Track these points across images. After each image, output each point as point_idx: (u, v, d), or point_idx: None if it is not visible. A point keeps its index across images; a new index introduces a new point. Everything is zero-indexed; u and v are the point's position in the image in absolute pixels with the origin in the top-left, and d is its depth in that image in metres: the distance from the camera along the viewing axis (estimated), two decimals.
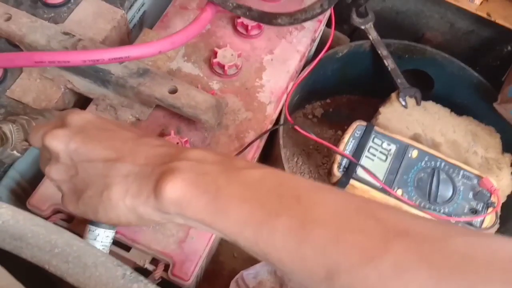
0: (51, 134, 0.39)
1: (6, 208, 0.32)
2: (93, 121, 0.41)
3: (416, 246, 0.30)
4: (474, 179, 0.65)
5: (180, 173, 0.35)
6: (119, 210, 0.37)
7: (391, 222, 0.32)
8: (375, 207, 0.34)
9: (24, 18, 0.58)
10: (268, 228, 0.33)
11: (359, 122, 0.68)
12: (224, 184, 0.35)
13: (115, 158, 0.38)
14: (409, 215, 0.34)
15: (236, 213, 0.34)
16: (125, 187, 0.37)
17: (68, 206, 0.40)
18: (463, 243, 0.30)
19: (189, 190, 0.35)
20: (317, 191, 0.35)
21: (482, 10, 0.76)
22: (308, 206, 0.34)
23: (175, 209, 0.36)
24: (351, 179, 0.64)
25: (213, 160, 0.38)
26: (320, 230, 0.32)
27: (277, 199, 0.34)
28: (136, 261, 0.55)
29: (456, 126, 0.76)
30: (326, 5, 0.49)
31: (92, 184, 0.38)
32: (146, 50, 0.51)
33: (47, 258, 0.32)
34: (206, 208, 0.35)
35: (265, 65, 0.66)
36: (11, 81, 0.59)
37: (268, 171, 0.37)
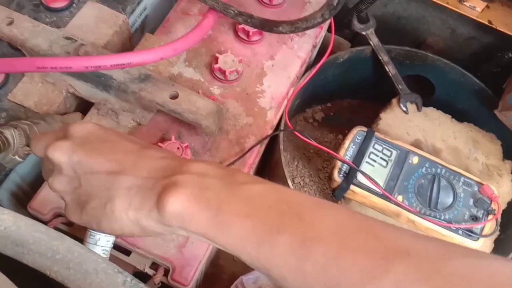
0: (53, 146, 0.39)
1: (8, 214, 0.33)
2: (96, 132, 0.41)
3: (416, 266, 0.30)
4: (475, 186, 0.65)
5: (182, 187, 0.36)
6: (122, 222, 0.38)
7: (392, 241, 0.32)
8: (376, 225, 0.34)
9: (26, 23, 0.59)
10: (269, 245, 0.34)
11: (359, 128, 0.68)
12: (226, 199, 0.35)
13: (117, 170, 0.38)
14: (410, 234, 0.34)
15: (238, 228, 0.35)
16: (128, 200, 0.37)
17: (71, 217, 0.41)
18: (463, 264, 0.30)
19: (191, 204, 0.35)
20: (319, 208, 0.35)
21: (484, 17, 0.76)
22: (309, 223, 0.34)
23: (177, 223, 0.36)
24: (352, 184, 0.64)
25: (215, 173, 0.38)
26: (321, 247, 0.32)
27: (278, 216, 0.34)
28: (136, 266, 0.55)
29: (457, 133, 0.76)
30: (327, 15, 0.49)
31: (95, 196, 0.38)
32: (148, 57, 0.51)
33: (49, 264, 0.32)
34: (208, 223, 0.35)
35: (266, 71, 0.67)
36: (13, 84, 0.59)
37: (269, 186, 0.37)
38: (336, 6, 0.49)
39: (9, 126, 0.49)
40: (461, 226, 0.62)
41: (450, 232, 0.62)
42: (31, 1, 0.64)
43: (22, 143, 0.49)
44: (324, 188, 0.83)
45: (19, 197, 0.62)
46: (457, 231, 0.62)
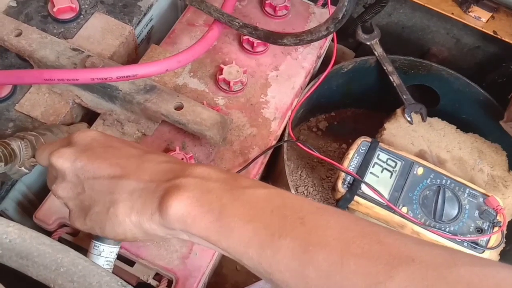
0: (57, 153, 0.40)
1: (13, 227, 0.33)
2: (99, 138, 0.42)
3: (420, 274, 0.30)
4: (480, 197, 0.65)
5: (185, 190, 0.36)
6: (125, 226, 0.38)
7: (396, 248, 0.32)
8: (380, 231, 0.34)
9: (34, 34, 0.59)
10: (271, 250, 0.33)
11: (364, 138, 0.68)
12: (228, 203, 0.35)
13: (120, 175, 0.38)
14: (415, 241, 0.33)
15: (240, 233, 0.34)
16: (130, 203, 0.37)
17: (75, 223, 0.41)
18: (468, 272, 0.30)
19: (194, 208, 0.35)
20: (322, 213, 0.35)
21: (488, 27, 0.76)
22: (312, 229, 0.34)
23: (179, 226, 0.36)
24: (356, 195, 0.64)
25: (217, 177, 0.38)
26: (324, 253, 0.32)
27: (281, 220, 0.34)
28: (139, 276, 0.55)
29: (462, 143, 0.76)
30: (332, 28, 0.49)
31: (98, 201, 0.39)
32: (153, 69, 0.51)
33: (53, 277, 0.32)
34: (210, 226, 0.35)
35: (270, 81, 0.67)
36: (20, 95, 0.60)
37: (272, 191, 0.37)
38: (341, 19, 0.49)
39: (15, 137, 0.50)
40: (466, 238, 0.62)
41: (455, 244, 0.62)
42: (39, 13, 0.65)
43: (28, 155, 0.49)
44: (328, 198, 0.83)
45: (25, 207, 0.63)
46: (462, 243, 0.62)
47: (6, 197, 0.58)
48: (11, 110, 0.59)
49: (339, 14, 0.48)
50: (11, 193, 0.59)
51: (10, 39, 0.59)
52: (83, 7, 0.66)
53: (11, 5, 0.65)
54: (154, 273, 0.55)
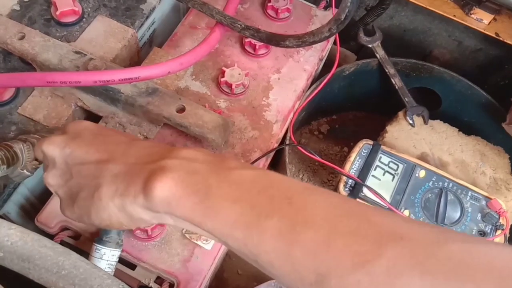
0: (48, 141, 0.40)
1: (15, 229, 0.33)
2: (90, 127, 0.42)
3: (410, 251, 0.29)
4: (483, 200, 0.65)
5: (170, 171, 0.35)
6: (109, 210, 0.37)
7: (385, 226, 0.31)
8: (368, 210, 0.33)
9: (37, 37, 0.60)
10: (258, 230, 0.33)
11: (365, 141, 0.68)
12: (214, 184, 0.35)
13: (106, 159, 0.38)
14: (404, 219, 0.33)
15: (226, 214, 0.34)
16: (114, 186, 0.37)
17: (65, 212, 0.41)
18: (459, 249, 0.29)
19: (179, 189, 0.35)
20: (310, 193, 0.34)
21: (491, 29, 0.76)
22: (299, 208, 0.33)
23: (164, 208, 0.35)
24: (358, 198, 0.64)
25: (204, 159, 0.37)
26: (311, 232, 0.31)
27: (267, 201, 0.34)
28: (141, 280, 0.55)
29: (464, 146, 0.75)
30: (335, 29, 0.49)
31: (85, 186, 0.39)
32: (156, 71, 0.52)
33: (54, 280, 0.32)
34: (195, 208, 0.34)
35: (272, 84, 0.67)
36: (23, 98, 0.60)
37: (260, 172, 0.37)
38: (343, 21, 0.49)
39: (18, 140, 0.50)
40: None
41: None
42: (43, 16, 0.65)
43: (30, 157, 0.49)
44: None
45: (27, 210, 0.63)
46: None
47: (8, 200, 0.58)
48: (13, 113, 0.59)
49: (342, 15, 0.48)
50: (13, 197, 0.59)
51: (13, 42, 0.59)
52: (86, 10, 0.66)
53: (15, 8, 0.65)
54: (156, 277, 0.55)
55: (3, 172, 0.46)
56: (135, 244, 0.54)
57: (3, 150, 0.46)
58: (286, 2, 0.71)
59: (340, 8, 0.49)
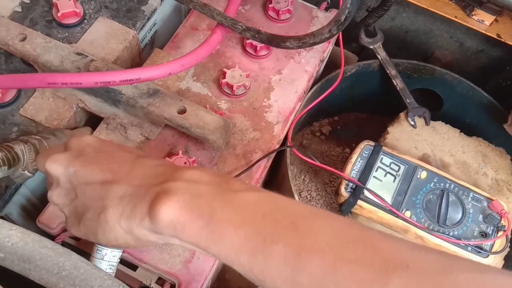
0: (51, 159, 0.40)
1: (16, 230, 0.33)
2: (92, 143, 0.42)
3: (416, 280, 0.29)
4: (484, 201, 0.64)
5: (175, 194, 0.35)
6: (116, 232, 0.37)
7: (391, 253, 0.31)
8: (374, 236, 0.33)
9: (39, 39, 0.60)
10: (263, 256, 0.33)
11: (367, 142, 0.68)
12: (218, 208, 0.35)
13: (111, 180, 0.38)
14: (410, 246, 0.33)
15: (231, 238, 0.34)
16: (120, 209, 0.37)
17: (71, 229, 0.41)
18: (466, 279, 0.29)
19: (184, 213, 0.35)
20: (315, 218, 0.35)
21: (492, 30, 0.76)
22: (304, 234, 0.33)
23: (169, 232, 0.35)
24: (359, 199, 0.64)
25: (208, 180, 0.37)
26: (317, 259, 0.31)
27: (272, 225, 0.34)
28: (142, 281, 0.55)
29: (465, 147, 0.75)
30: (335, 30, 0.49)
31: (90, 207, 0.39)
32: (156, 72, 0.52)
33: (55, 281, 0.32)
34: (200, 232, 0.35)
35: (273, 85, 0.67)
36: (25, 99, 0.61)
37: (264, 194, 0.37)
38: (343, 22, 0.49)
39: (19, 141, 0.50)
40: (471, 243, 0.62)
41: (459, 248, 0.62)
42: (44, 18, 0.65)
43: (31, 158, 0.49)
44: (331, 202, 0.82)
45: (28, 211, 0.63)
46: (466, 247, 0.62)
47: (10, 201, 0.58)
48: (15, 114, 0.60)
49: (342, 16, 0.48)
50: (15, 198, 0.59)
51: (14, 44, 0.59)
52: (87, 11, 0.67)
53: (16, 10, 0.65)
54: (157, 278, 0.55)
55: (4, 173, 0.46)
56: None
57: (4, 151, 0.46)
58: (287, 4, 0.71)
59: (340, 9, 0.49)
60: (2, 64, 0.62)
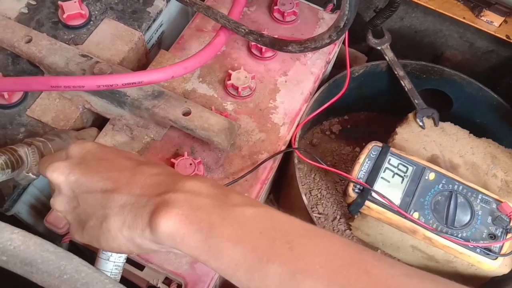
0: (52, 167, 0.40)
1: (18, 234, 0.33)
2: (93, 150, 0.42)
3: None
4: (493, 203, 0.64)
5: (174, 207, 0.36)
6: (118, 240, 0.38)
7: (383, 280, 0.32)
8: (368, 260, 0.33)
9: (44, 41, 0.60)
10: (259, 274, 0.33)
11: (375, 143, 0.68)
12: (217, 221, 0.35)
13: (112, 188, 0.38)
14: (404, 272, 0.33)
15: (228, 254, 0.34)
16: (122, 218, 0.37)
17: (75, 236, 0.41)
18: None
19: (183, 226, 0.35)
20: (311, 237, 0.35)
21: (501, 32, 0.75)
22: (300, 254, 0.33)
23: (169, 243, 0.36)
24: (367, 200, 0.64)
25: (208, 192, 0.37)
26: (310, 282, 0.32)
27: (269, 243, 0.34)
28: (149, 280, 0.55)
29: (475, 148, 0.74)
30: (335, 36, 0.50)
31: (92, 215, 0.39)
32: (159, 76, 0.52)
33: (56, 284, 0.32)
34: (199, 246, 0.35)
35: (279, 87, 0.67)
36: (32, 100, 0.61)
37: (262, 210, 0.37)
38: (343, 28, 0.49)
39: (23, 143, 0.50)
40: (479, 245, 0.61)
41: (468, 250, 0.61)
42: (50, 19, 0.66)
43: (35, 161, 0.49)
44: (341, 201, 0.82)
45: (37, 209, 0.63)
46: (475, 249, 0.61)
47: (18, 200, 0.58)
48: (22, 115, 0.60)
49: (341, 22, 0.48)
50: (23, 197, 0.59)
51: (20, 46, 0.60)
52: (93, 13, 0.67)
53: (23, 11, 0.66)
54: (164, 278, 0.55)
55: (8, 176, 0.46)
56: None
57: (8, 154, 0.46)
58: (292, 5, 0.70)
59: (338, 16, 0.49)
60: (9, 65, 0.63)
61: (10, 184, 0.56)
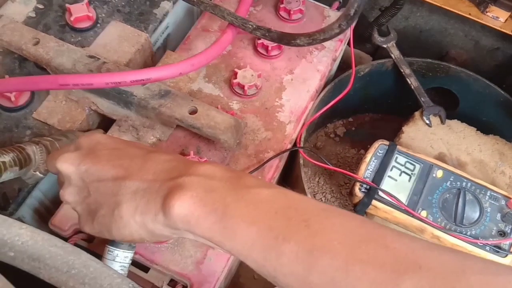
0: (62, 158, 0.40)
1: (26, 229, 0.33)
2: (103, 141, 0.42)
3: (428, 282, 0.29)
4: (502, 200, 0.63)
5: (188, 189, 0.35)
6: (130, 227, 0.38)
7: (403, 253, 0.31)
8: (386, 235, 0.33)
9: (52, 43, 0.61)
10: (275, 253, 0.33)
11: (381, 142, 0.67)
12: (231, 203, 0.35)
13: (123, 176, 0.38)
14: (424, 245, 0.33)
15: (244, 234, 0.34)
16: (134, 204, 0.37)
17: (84, 227, 0.41)
18: (478, 282, 0.29)
19: (197, 208, 0.35)
20: (327, 216, 0.35)
21: (507, 27, 0.75)
22: (316, 232, 0.33)
23: (183, 226, 0.36)
24: (373, 200, 0.63)
25: (222, 176, 0.37)
26: (328, 258, 0.32)
27: (285, 222, 0.34)
28: (154, 282, 0.55)
29: (482, 145, 0.74)
30: (345, 25, 0.49)
31: (104, 203, 0.39)
32: (167, 72, 0.52)
33: (64, 279, 0.32)
34: (213, 227, 0.35)
35: (285, 85, 0.67)
36: (38, 103, 0.61)
37: (276, 191, 0.36)
38: (353, 16, 0.49)
39: (30, 142, 0.51)
40: (489, 242, 0.60)
41: (477, 248, 0.60)
42: (57, 22, 0.66)
43: (43, 159, 0.50)
44: (347, 204, 0.81)
45: (41, 213, 0.63)
46: (484, 247, 0.60)
47: (23, 203, 0.58)
48: (28, 118, 0.60)
49: (351, 10, 0.48)
50: (28, 200, 0.59)
51: (28, 48, 0.60)
52: (100, 15, 0.67)
53: (30, 15, 0.66)
54: (169, 279, 0.55)
55: (16, 174, 0.47)
56: (148, 246, 0.54)
57: (16, 151, 0.46)
58: (298, 4, 0.71)
59: (349, 3, 0.49)
60: (16, 68, 0.63)
61: (15, 187, 0.56)
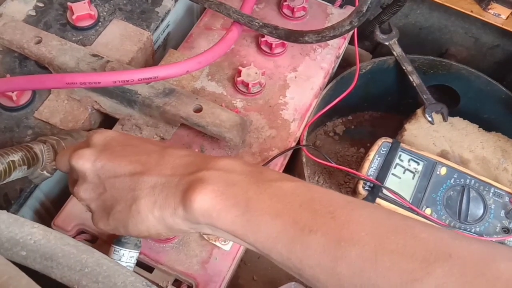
0: (76, 154, 0.40)
1: (38, 228, 0.33)
2: (117, 138, 0.42)
3: (458, 270, 0.29)
4: (506, 196, 0.63)
5: (209, 183, 0.35)
6: (148, 222, 0.37)
7: (432, 243, 0.31)
8: (414, 226, 0.33)
9: (54, 41, 0.60)
10: (301, 245, 0.33)
11: (384, 139, 0.67)
12: (254, 196, 0.35)
13: (141, 171, 0.38)
14: (452, 235, 0.33)
15: (268, 227, 0.34)
16: (152, 198, 0.37)
17: (98, 224, 0.41)
18: (508, 268, 0.29)
19: (219, 201, 0.35)
20: (353, 207, 0.34)
21: (509, 24, 0.75)
22: (343, 223, 0.33)
23: (204, 220, 0.35)
24: (377, 197, 0.63)
25: (242, 170, 0.37)
26: (357, 249, 0.31)
27: (310, 215, 0.33)
28: (158, 283, 0.54)
29: (484, 142, 0.74)
30: (356, 22, 0.49)
31: (120, 199, 0.38)
32: (174, 70, 0.51)
33: (77, 278, 0.32)
34: (236, 220, 0.34)
35: (289, 83, 0.67)
36: (39, 102, 0.61)
37: (300, 184, 0.36)
38: (365, 12, 0.48)
39: (38, 141, 0.50)
40: (493, 239, 0.60)
41: None
42: (58, 21, 0.65)
43: (50, 158, 0.49)
44: None
45: (41, 215, 0.63)
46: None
47: (24, 205, 0.58)
48: (30, 117, 0.59)
49: (364, 6, 0.47)
50: (29, 201, 0.59)
51: (30, 47, 0.59)
52: (102, 14, 0.67)
53: (30, 14, 0.66)
54: (174, 279, 0.54)
55: (24, 172, 0.46)
56: (152, 246, 0.53)
57: (24, 150, 0.46)
58: (302, 1, 0.70)
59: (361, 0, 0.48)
60: (16, 67, 0.63)
61: (17, 188, 0.55)
